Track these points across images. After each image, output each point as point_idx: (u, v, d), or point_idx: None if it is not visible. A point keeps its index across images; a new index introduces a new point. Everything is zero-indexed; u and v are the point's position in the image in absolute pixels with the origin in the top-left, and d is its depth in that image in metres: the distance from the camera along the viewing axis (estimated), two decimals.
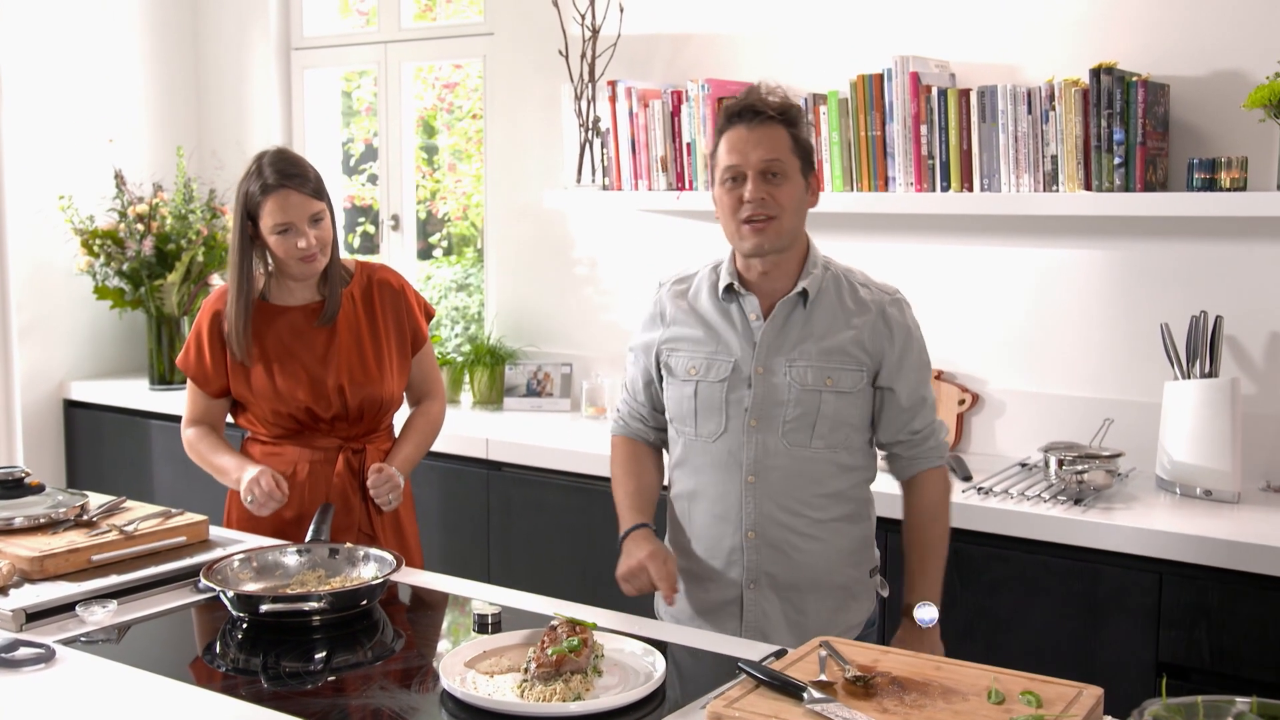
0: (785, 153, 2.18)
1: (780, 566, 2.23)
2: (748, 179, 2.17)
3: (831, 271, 2.27)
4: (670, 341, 2.31)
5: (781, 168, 2.17)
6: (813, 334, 2.22)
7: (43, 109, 4.38)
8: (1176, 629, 2.51)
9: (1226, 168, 2.76)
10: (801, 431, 2.20)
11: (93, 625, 2.05)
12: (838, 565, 2.25)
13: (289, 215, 2.55)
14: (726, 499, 2.24)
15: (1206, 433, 2.78)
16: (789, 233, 2.20)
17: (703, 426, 2.26)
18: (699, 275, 2.35)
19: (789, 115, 2.20)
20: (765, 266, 2.22)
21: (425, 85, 5.40)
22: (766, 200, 2.16)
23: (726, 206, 2.21)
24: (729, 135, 2.21)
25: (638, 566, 2.19)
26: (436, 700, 1.77)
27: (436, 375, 2.86)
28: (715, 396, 2.23)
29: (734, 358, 2.23)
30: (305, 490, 2.64)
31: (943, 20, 3.27)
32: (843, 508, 2.26)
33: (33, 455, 4.44)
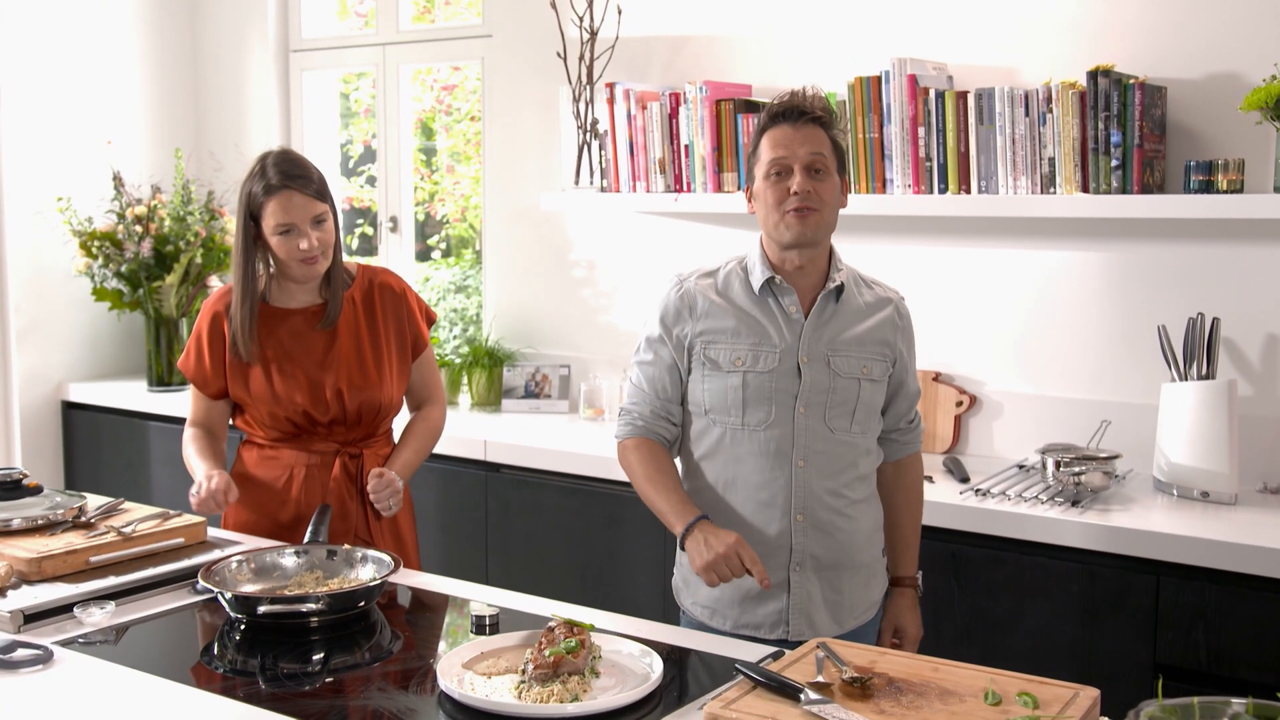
0: (827, 151, 2.28)
1: (824, 547, 2.30)
2: (794, 172, 2.25)
3: (849, 271, 2.39)
4: (706, 334, 2.34)
5: (825, 164, 2.27)
6: (846, 326, 2.33)
7: (41, 111, 4.38)
8: (1173, 630, 2.52)
9: (1223, 170, 2.76)
10: (844, 417, 2.31)
11: (91, 627, 2.06)
12: (865, 544, 2.35)
13: (291, 216, 2.55)
14: (774, 485, 2.28)
15: (1204, 435, 2.78)
16: (827, 226, 2.29)
17: (750, 416, 2.30)
18: (724, 269, 2.41)
19: (829, 118, 2.32)
20: (801, 260, 2.30)
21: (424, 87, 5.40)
22: (812, 193, 2.25)
23: (770, 199, 2.28)
24: (773, 133, 2.29)
25: (728, 552, 2.16)
26: (434, 701, 1.77)
27: (437, 380, 2.86)
28: (765, 386, 2.29)
29: (779, 348, 2.30)
30: (302, 494, 2.63)
31: (940, 22, 3.27)
32: (868, 489, 2.38)
33: (31, 457, 4.44)
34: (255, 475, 2.66)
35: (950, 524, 2.76)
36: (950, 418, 3.30)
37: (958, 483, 2.95)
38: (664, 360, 2.38)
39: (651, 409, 2.40)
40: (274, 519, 2.63)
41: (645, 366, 2.41)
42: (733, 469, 2.32)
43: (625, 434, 2.42)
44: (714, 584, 2.17)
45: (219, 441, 2.70)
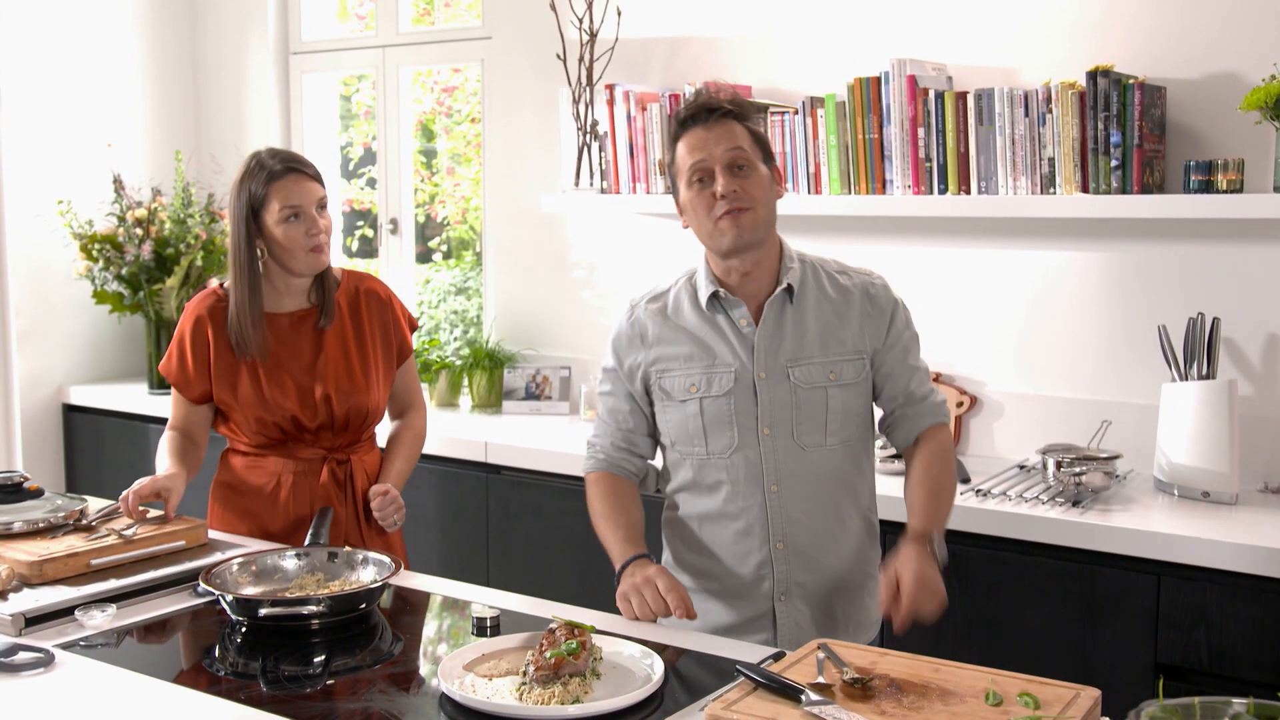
0: (747, 144, 2.16)
1: (809, 574, 2.21)
2: (716, 175, 2.14)
3: (808, 264, 2.26)
4: (659, 362, 2.26)
5: (746, 159, 2.15)
6: (807, 330, 2.20)
7: (42, 113, 4.39)
8: (1174, 630, 2.52)
9: (1223, 170, 2.76)
10: (815, 432, 2.19)
11: (92, 629, 2.06)
12: (857, 563, 2.25)
13: (298, 199, 2.54)
14: (749, 512, 2.20)
15: (1204, 434, 2.78)
16: (764, 223, 2.17)
17: (714, 443, 2.21)
18: (674, 290, 2.30)
19: (741, 109, 2.19)
20: (746, 266, 2.19)
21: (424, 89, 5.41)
22: (739, 192, 2.13)
23: (698, 207, 2.17)
24: (687, 138, 2.19)
25: (643, 581, 2.11)
26: (435, 703, 1.77)
27: (418, 387, 2.85)
28: (722, 410, 2.19)
29: (733, 368, 2.19)
30: (291, 501, 2.62)
31: (940, 23, 3.27)
32: (858, 503, 2.27)
33: (32, 460, 4.44)
34: (242, 483, 2.66)
35: (951, 524, 2.74)
36: (951, 418, 3.29)
37: (959, 483, 2.95)
38: (621, 391, 2.31)
39: (613, 442, 2.35)
40: (263, 526, 2.62)
41: (605, 398, 2.34)
42: (706, 500, 2.24)
43: (588, 467, 2.39)
44: (630, 616, 2.10)
45: (196, 447, 2.68)
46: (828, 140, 3.24)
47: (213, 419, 2.70)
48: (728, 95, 2.21)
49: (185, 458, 2.62)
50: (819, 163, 3.26)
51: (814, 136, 3.25)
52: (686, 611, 2.08)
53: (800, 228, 3.42)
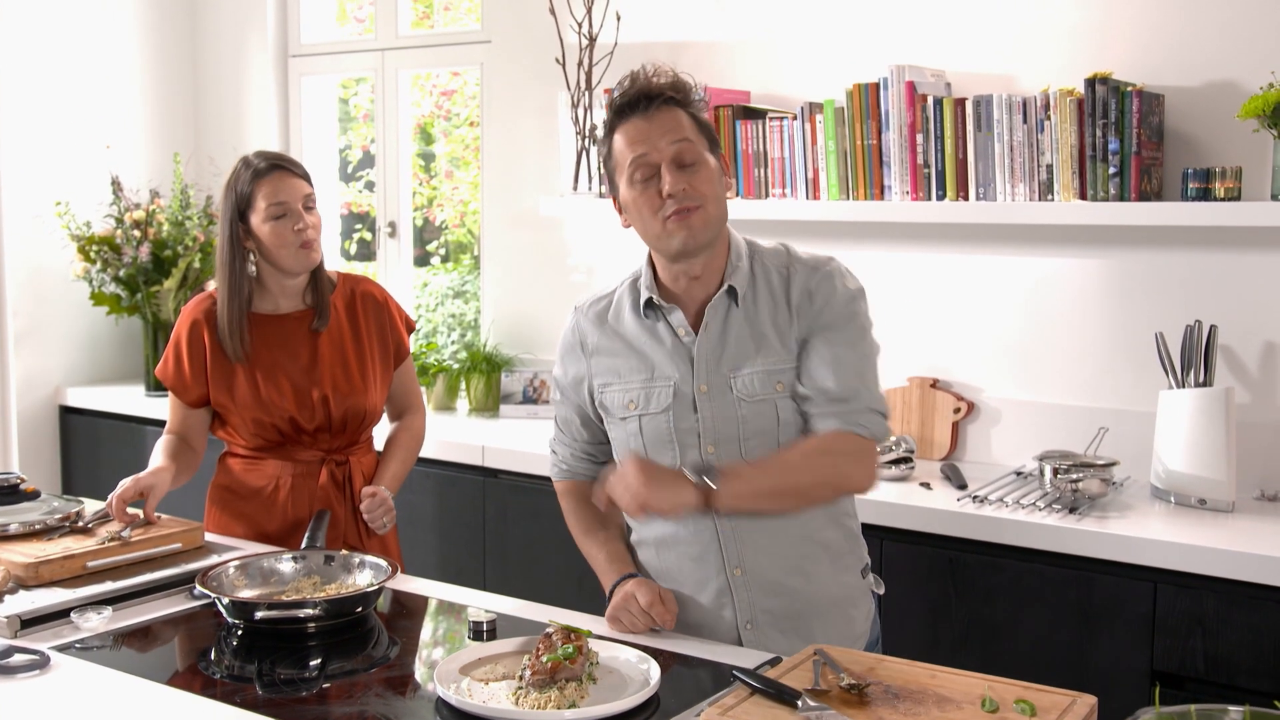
0: (692, 133, 1.97)
1: (776, 598, 2.04)
2: (661, 171, 1.94)
3: (759, 259, 2.05)
4: (599, 375, 2.09)
5: (694, 153, 1.96)
6: (752, 335, 2.00)
7: (40, 115, 4.38)
8: (1171, 637, 2.52)
9: (1221, 178, 2.77)
10: (766, 447, 1.99)
11: (87, 632, 2.05)
12: (834, 578, 2.07)
13: (284, 195, 2.54)
14: (701, 537, 2.04)
15: (1201, 442, 2.78)
16: (716, 221, 1.98)
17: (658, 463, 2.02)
18: (618, 292, 2.12)
19: (683, 94, 1.99)
20: (695, 270, 2.01)
21: (423, 93, 5.41)
22: (688, 190, 1.94)
23: (643, 207, 1.97)
24: (625, 130, 1.98)
25: (624, 599, 2.02)
26: (431, 707, 1.77)
27: (416, 389, 2.85)
28: (661, 428, 2.02)
29: (672, 381, 2.01)
30: (289, 504, 2.62)
31: (938, 30, 3.28)
32: (826, 514, 2.06)
33: (28, 461, 4.43)
34: (240, 485, 2.66)
35: (948, 531, 2.76)
36: (948, 424, 3.30)
37: (955, 489, 2.95)
38: (569, 402, 2.17)
39: (572, 452, 2.23)
40: (261, 529, 2.62)
41: (557, 405, 2.21)
42: (659, 524, 2.07)
43: (555, 475, 2.27)
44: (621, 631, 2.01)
45: (192, 451, 2.67)
46: (826, 146, 3.24)
47: (210, 423, 2.69)
48: (667, 79, 1.98)
49: (177, 457, 2.61)
50: (817, 168, 3.26)
51: (813, 142, 3.26)
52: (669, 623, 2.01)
53: (798, 233, 3.42)
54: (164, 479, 2.52)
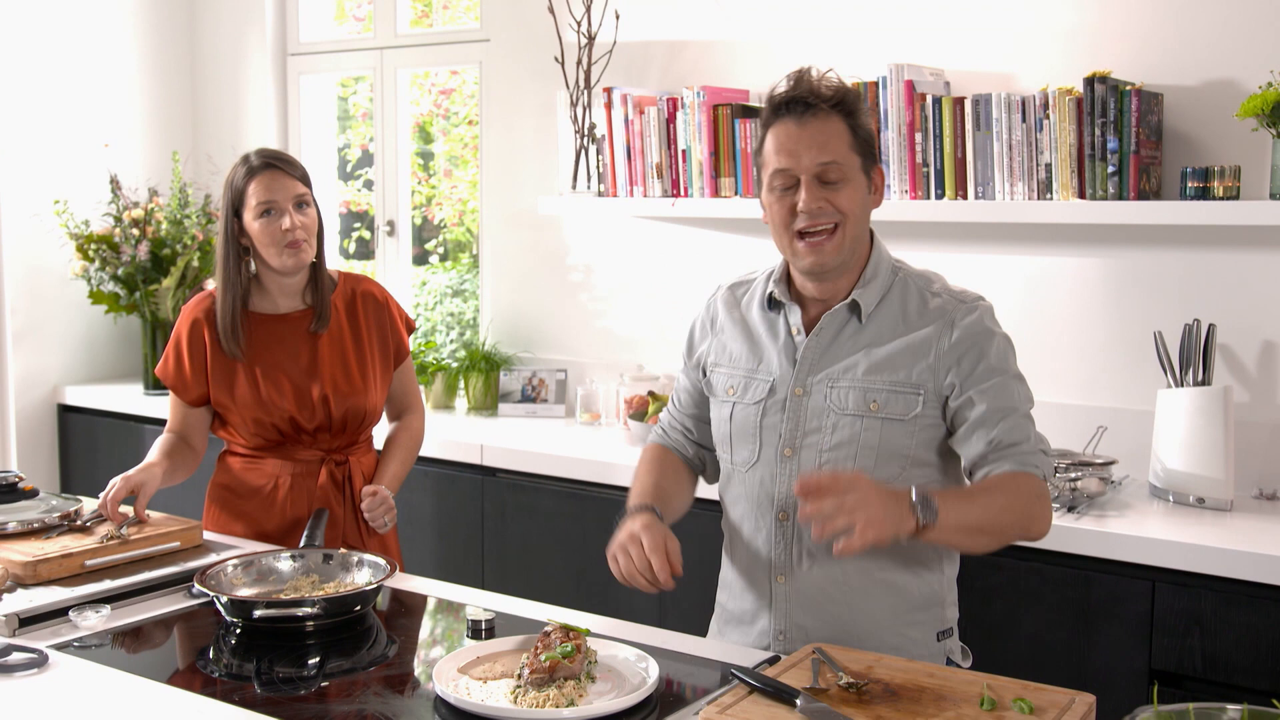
0: (844, 150, 1.91)
1: (815, 619, 1.98)
2: (801, 185, 1.91)
3: (901, 277, 2.01)
4: (715, 354, 2.10)
5: (840, 171, 1.91)
6: (864, 350, 1.95)
7: (38, 113, 4.38)
8: (1169, 636, 2.52)
9: (1219, 177, 2.77)
10: (843, 463, 1.93)
11: (86, 630, 2.05)
12: (888, 623, 1.98)
13: (272, 194, 2.54)
14: (758, 538, 2.02)
15: (1199, 441, 2.78)
16: (851, 242, 1.94)
17: (738, 453, 2.03)
18: (757, 280, 2.11)
19: (846, 103, 1.92)
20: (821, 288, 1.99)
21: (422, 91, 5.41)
22: (825, 208, 1.90)
23: (777, 217, 1.94)
24: (776, 132, 1.93)
25: (628, 538, 1.93)
26: (430, 706, 1.77)
27: (416, 389, 2.86)
28: (750, 420, 2.00)
29: (773, 377, 2.00)
30: (288, 503, 2.62)
31: (937, 29, 3.28)
32: (900, 556, 1.97)
33: (27, 460, 4.43)
34: (239, 484, 2.66)
35: None
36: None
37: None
38: (689, 376, 2.18)
39: (672, 423, 2.24)
40: (260, 528, 2.62)
41: (678, 376, 2.22)
42: (734, 511, 2.08)
43: (648, 440, 2.27)
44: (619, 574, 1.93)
45: (191, 449, 2.67)
46: None
47: (211, 422, 2.69)
48: (832, 87, 1.92)
49: (171, 455, 2.61)
50: None
51: None
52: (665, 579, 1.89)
53: None
54: (154, 475, 2.51)
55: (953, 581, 2.08)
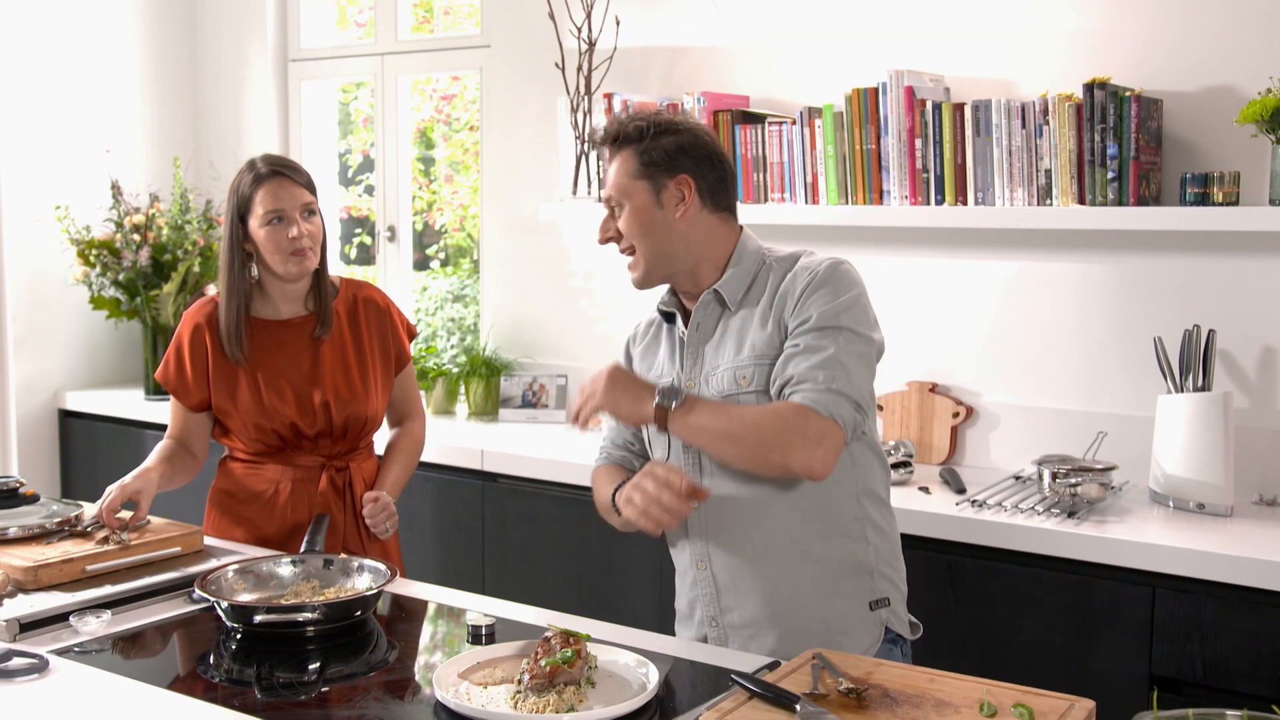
0: (622, 180, 2.11)
1: (735, 599, 2.09)
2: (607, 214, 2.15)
3: (767, 263, 2.13)
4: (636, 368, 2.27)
5: (619, 199, 2.12)
6: (736, 335, 2.09)
7: (40, 119, 4.39)
8: (1169, 642, 2.52)
9: (1219, 183, 2.77)
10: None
11: (86, 635, 2.05)
12: (810, 592, 2.06)
13: (281, 202, 2.54)
14: (680, 531, 2.15)
15: (1199, 446, 2.79)
16: (653, 255, 2.11)
17: (656, 452, 2.19)
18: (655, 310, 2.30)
19: (622, 137, 2.13)
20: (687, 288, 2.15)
21: (423, 97, 5.42)
22: (613, 237, 2.14)
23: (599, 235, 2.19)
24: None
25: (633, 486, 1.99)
26: (430, 711, 1.77)
27: (417, 395, 2.86)
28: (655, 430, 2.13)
29: (670, 377, 2.15)
30: (289, 508, 2.62)
31: (937, 35, 3.28)
32: (811, 526, 2.06)
33: (27, 465, 4.43)
34: (240, 490, 2.66)
35: (946, 535, 2.76)
36: (946, 429, 3.30)
37: (954, 494, 2.95)
38: None
39: (613, 440, 2.34)
40: (261, 533, 2.62)
41: None
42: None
43: (595, 463, 2.36)
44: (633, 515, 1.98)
45: (191, 455, 2.67)
46: (825, 151, 3.24)
47: (211, 427, 2.69)
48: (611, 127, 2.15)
49: (169, 460, 2.61)
50: (816, 173, 3.26)
51: (811, 147, 3.26)
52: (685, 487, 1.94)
53: (797, 238, 3.43)
54: (151, 481, 2.51)
55: (887, 553, 2.13)
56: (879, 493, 2.14)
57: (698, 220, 2.12)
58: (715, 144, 2.15)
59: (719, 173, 2.13)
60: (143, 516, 2.46)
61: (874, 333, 2.06)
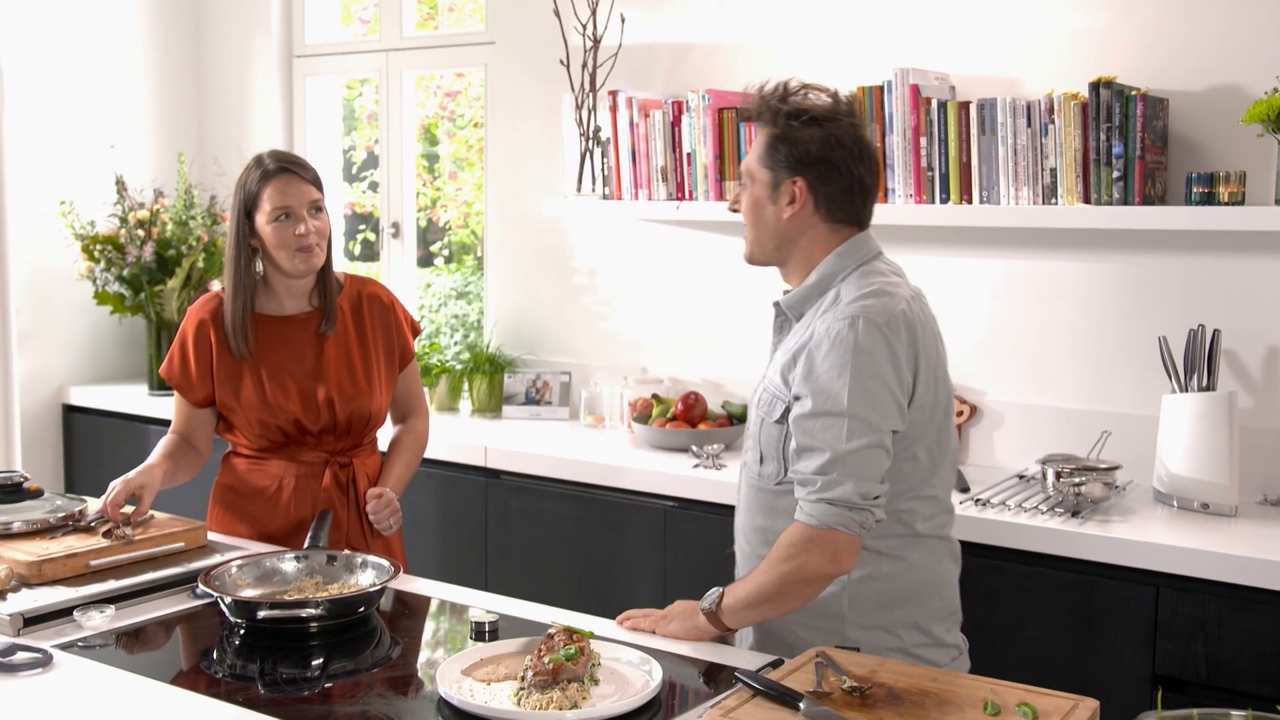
0: (752, 161, 2.11)
1: None
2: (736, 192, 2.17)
3: (838, 286, 2.08)
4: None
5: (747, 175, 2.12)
6: (780, 351, 2.13)
7: (45, 114, 4.39)
8: (1173, 642, 2.52)
9: (1225, 182, 2.77)
10: (750, 453, 2.16)
11: (90, 630, 2.06)
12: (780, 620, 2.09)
13: (288, 199, 2.54)
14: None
15: (1204, 446, 2.78)
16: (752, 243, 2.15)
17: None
18: None
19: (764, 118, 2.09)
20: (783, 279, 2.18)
21: (427, 93, 5.42)
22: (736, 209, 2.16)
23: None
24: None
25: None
26: (433, 708, 1.77)
27: (421, 392, 2.86)
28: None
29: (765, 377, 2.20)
30: (292, 504, 2.62)
31: (943, 33, 3.28)
32: None
33: (31, 460, 4.44)
34: (244, 485, 2.66)
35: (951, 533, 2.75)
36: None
37: (958, 492, 2.95)
38: None
39: None
40: (264, 529, 2.62)
41: None
42: None
43: None
44: None
45: (194, 451, 2.67)
46: None
47: (215, 423, 2.69)
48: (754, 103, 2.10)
49: (172, 456, 2.61)
50: None
51: None
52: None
53: None
54: (154, 477, 2.51)
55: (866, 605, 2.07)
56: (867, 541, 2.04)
57: (806, 225, 2.09)
58: (853, 148, 2.07)
59: (843, 183, 2.07)
60: (145, 512, 2.46)
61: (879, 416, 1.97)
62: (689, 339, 3.80)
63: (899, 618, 2.09)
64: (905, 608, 2.09)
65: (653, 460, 3.31)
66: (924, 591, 2.11)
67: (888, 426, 1.98)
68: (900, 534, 2.08)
